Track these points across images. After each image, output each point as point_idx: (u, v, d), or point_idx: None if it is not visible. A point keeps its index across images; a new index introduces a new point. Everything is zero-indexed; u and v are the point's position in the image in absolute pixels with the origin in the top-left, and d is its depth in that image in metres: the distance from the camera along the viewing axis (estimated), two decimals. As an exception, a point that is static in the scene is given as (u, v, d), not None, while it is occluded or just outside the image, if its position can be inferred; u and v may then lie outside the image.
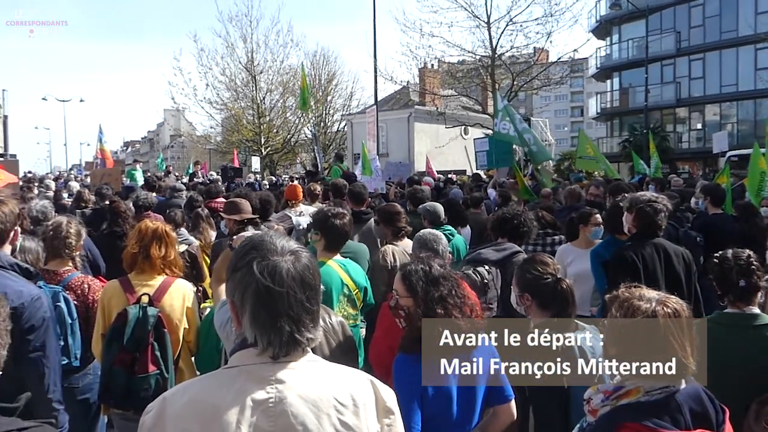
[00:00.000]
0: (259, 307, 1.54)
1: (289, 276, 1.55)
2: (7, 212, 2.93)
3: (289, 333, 1.55)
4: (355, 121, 36.66)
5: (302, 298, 1.55)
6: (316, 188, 8.56)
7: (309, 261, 1.62)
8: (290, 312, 1.54)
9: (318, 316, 1.63)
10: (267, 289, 1.53)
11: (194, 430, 1.50)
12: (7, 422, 1.60)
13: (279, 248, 1.59)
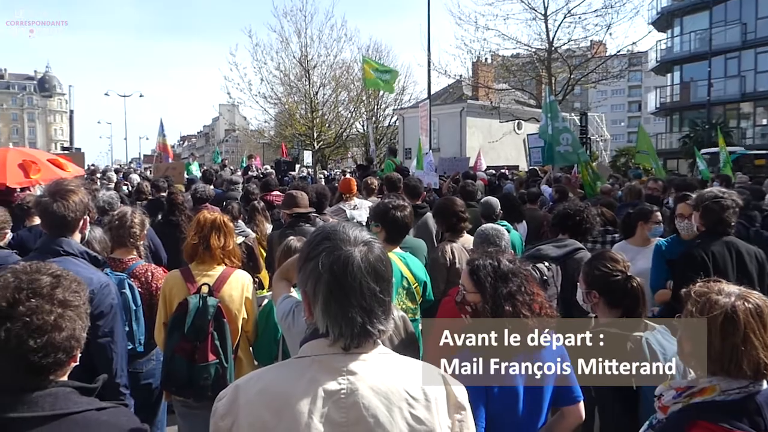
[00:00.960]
0: (331, 298, 1.51)
1: (362, 267, 1.52)
2: (77, 201, 3.00)
3: (361, 324, 1.52)
4: (407, 116, 36.58)
5: (375, 289, 1.52)
6: (372, 182, 8.55)
7: (382, 252, 1.58)
8: (362, 303, 1.51)
9: (390, 308, 1.59)
10: (339, 280, 1.51)
11: (266, 418, 1.49)
12: (87, 401, 1.64)
13: (352, 238, 1.56)
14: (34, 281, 1.61)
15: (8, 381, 1.57)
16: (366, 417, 1.49)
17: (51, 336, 1.57)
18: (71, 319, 1.62)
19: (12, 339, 1.53)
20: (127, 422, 1.69)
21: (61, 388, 1.62)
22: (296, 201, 5.66)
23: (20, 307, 1.56)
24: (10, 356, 1.54)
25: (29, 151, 8.40)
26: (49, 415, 1.56)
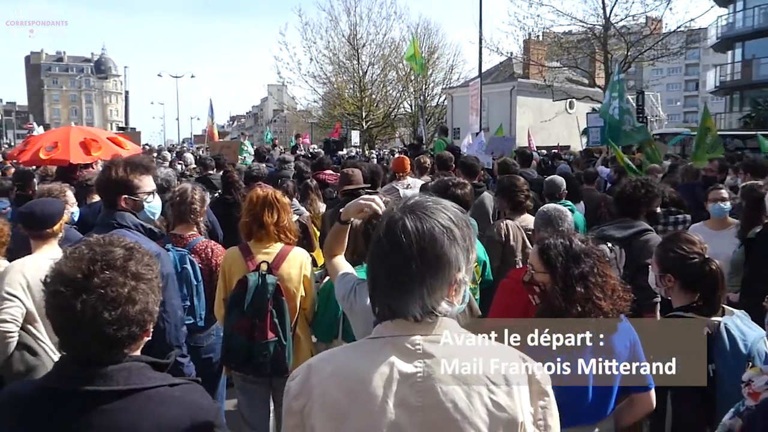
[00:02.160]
0: (398, 278, 1.44)
1: (428, 247, 1.43)
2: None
3: (432, 305, 1.45)
4: (456, 95, 36.14)
5: (441, 269, 1.44)
6: (425, 160, 8.45)
7: (451, 231, 1.49)
8: (435, 283, 1.43)
9: (462, 288, 1.51)
10: (405, 259, 1.43)
11: (339, 399, 1.44)
12: (160, 377, 1.63)
13: (423, 216, 1.48)
14: (108, 253, 1.59)
15: (84, 354, 1.56)
16: (443, 402, 1.43)
17: (125, 309, 1.55)
18: (144, 292, 1.60)
19: (87, 311, 1.51)
20: (200, 399, 1.67)
21: (135, 363, 1.60)
22: (350, 179, 5.62)
23: (95, 279, 1.54)
24: (86, 329, 1.52)
25: (90, 129, 8.61)
26: (123, 390, 1.55)
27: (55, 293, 1.54)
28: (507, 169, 7.16)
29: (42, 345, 3.27)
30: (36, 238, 3.45)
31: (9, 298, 3.20)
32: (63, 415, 1.53)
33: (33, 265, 3.29)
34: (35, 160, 7.46)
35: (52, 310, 1.56)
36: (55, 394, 1.55)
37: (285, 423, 1.51)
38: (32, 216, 3.44)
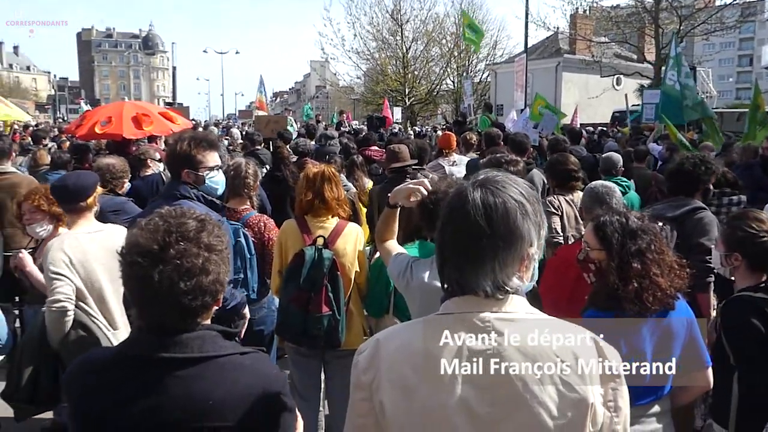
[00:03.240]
0: (469, 252, 1.43)
1: (500, 220, 1.42)
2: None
3: (503, 281, 1.43)
4: (500, 71, 35.59)
5: (514, 244, 1.42)
6: (471, 137, 8.37)
7: (523, 205, 1.47)
8: (507, 257, 1.42)
9: (533, 265, 1.50)
10: (477, 233, 1.42)
11: (407, 374, 1.44)
12: (231, 346, 1.66)
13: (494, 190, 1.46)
14: (182, 225, 1.61)
15: (160, 322, 1.60)
16: (513, 380, 1.42)
17: (199, 279, 1.57)
18: (216, 262, 1.62)
19: (165, 281, 1.54)
20: (268, 367, 1.70)
21: (208, 332, 1.64)
22: (397, 156, 5.60)
23: (170, 250, 1.56)
24: (163, 298, 1.56)
25: (143, 104, 8.79)
26: (197, 357, 1.59)
27: (133, 264, 1.57)
28: (557, 147, 7.03)
29: (95, 321, 3.34)
30: (71, 212, 3.47)
31: (57, 277, 3.22)
32: (141, 380, 1.58)
33: (71, 241, 3.32)
34: (91, 134, 7.67)
35: (130, 280, 1.60)
36: (132, 361, 1.60)
37: (353, 395, 1.52)
38: (65, 189, 3.44)
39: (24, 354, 3.30)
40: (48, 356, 3.24)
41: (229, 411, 1.58)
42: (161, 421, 1.56)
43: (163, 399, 1.56)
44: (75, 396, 1.66)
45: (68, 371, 1.73)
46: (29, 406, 3.29)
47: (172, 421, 1.56)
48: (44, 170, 7.42)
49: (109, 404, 1.59)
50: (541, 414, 1.40)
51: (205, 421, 1.57)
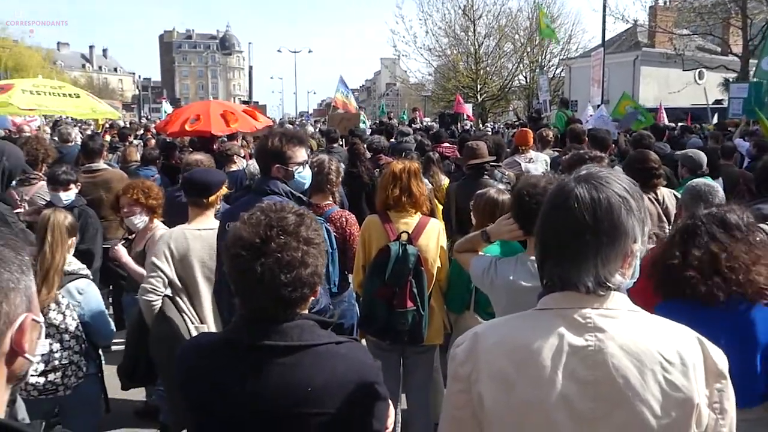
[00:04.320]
0: (571, 248, 1.43)
1: (604, 216, 1.41)
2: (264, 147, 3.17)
3: (605, 277, 1.42)
4: (575, 66, 34.70)
5: (617, 239, 1.41)
6: (548, 133, 8.24)
7: (627, 201, 1.45)
8: (610, 253, 1.41)
9: (635, 262, 1.48)
10: (580, 229, 1.41)
11: (507, 369, 1.45)
12: (327, 335, 1.72)
13: (598, 185, 1.45)
14: (282, 219, 1.67)
15: (261, 312, 1.67)
16: (615, 377, 1.40)
17: (298, 271, 1.63)
18: (314, 255, 1.68)
19: (266, 273, 1.61)
20: (363, 356, 1.75)
21: (306, 321, 1.70)
22: (475, 152, 5.56)
23: (272, 244, 1.63)
24: (264, 290, 1.63)
25: (227, 102, 9.09)
26: (296, 345, 1.65)
27: (236, 256, 1.65)
28: (641, 143, 6.81)
29: (184, 314, 3.51)
30: (193, 205, 3.69)
31: (153, 269, 3.46)
32: (243, 365, 1.66)
33: (179, 235, 3.53)
34: (181, 131, 7.99)
35: (233, 272, 1.68)
36: (235, 347, 1.69)
37: (450, 387, 1.55)
38: (191, 183, 3.68)
39: (129, 334, 3.62)
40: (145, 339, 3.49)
41: (327, 398, 1.64)
42: (261, 407, 1.63)
43: (263, 385, 1.63)
44: (181, 378, 1.77)
45: (178, 354, 1.83)
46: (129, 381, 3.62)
47: (271, 406, 1.63)
48: (134, 166, 7.82)
49: (212, 388, 1.68)
50: (644, 413, 1.38)
51: (304, 408, 1.63)
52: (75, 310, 3.14)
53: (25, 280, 1.09)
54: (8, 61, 39.13)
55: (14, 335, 1.07)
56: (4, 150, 4.08)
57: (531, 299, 2.49)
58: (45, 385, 3.05)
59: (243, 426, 1.66)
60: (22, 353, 1.09)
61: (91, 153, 6.26)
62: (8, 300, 1.05)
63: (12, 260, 1.07)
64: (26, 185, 5.38)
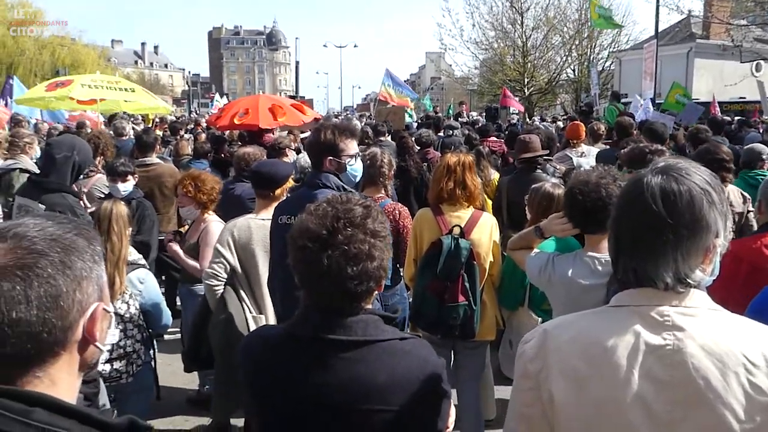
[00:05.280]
0: (648, 243, 1.37)
1: (685, 209, 1.34)
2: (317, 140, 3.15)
3: (685, 273, 1.35)
4: (625, 59, 33.88)
5: (699, 233, 1.34)
6: (599, 127, 8.06)
7: (709, 193, 1.38)
8: (691, 248, 1.34)
9: (715, 257, 1.41)
10: (658, 223, 1.35)
11: (580, 367, 1.40)
12: (391, 330, 1.68)
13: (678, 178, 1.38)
14: (349, 211, 1.64)
15: (326, 305, 1.64)
16: (695, 378, 1.34)
17: (365, 264, 1.60)
18: (380, 248, 1.65)
19: (332, 266, 1.58)
20: (428, 354, 1.70)
21: (370, 316, 1.67)
22: (528, 146, 5.47)
23: (339, 236, 1.60)
24: (331, 282, 1.60)
25: (275, 97, 9.19)
26: (361, 340, 1.62)
27: (303, 248, 1.62)
28: (698, 138, 6.58)
29: (243, 302, 3.57)
30: (260, 197, 3.75)
31: (216, 255, 3.57)
32: (306, 358, 1.64)
33: (243, 224, 3.60)
34: (230, 125, 8.12)
35: (299, 264, 1.65)
36: (299, 340, 1.67)
37: (518, 385, 1.50)
38: (258, 175, 3.73)
39: (195, 318, 3.77)
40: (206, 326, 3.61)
41: (391, 395, 1.60)
42: (325, 401, 1.61)
43: (327, 379, 1.61)
44: (246, 370, 1.76)
45: (242, 346, 1.82)
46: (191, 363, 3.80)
47: (335, 401, 1.60)
48: (186, 160, 7.96)
49: (276, 380, 1.66)
50: (726, 416, 1.32)
51: (368, 404, 1.60)
52: (136, 300, 3.20)
53: (96, 269, 1.10)
54: (66, 59, 40.41)
55: (86, 324, 1.08)
56: (75, 145, 4.21)
57: (590, 297, 2.45)
58: (110, 373, 3.13)
59: (305, 419, 1.64)
60: (93, 342, 1.10)
61: (145, 146, 6.39)
62: (81, 288, 1.05)
63: (85, 249, 1.08)
64: (84, 178, 5.53)
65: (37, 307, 0.99)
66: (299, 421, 1.64)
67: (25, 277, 0.99)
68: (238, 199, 4.87)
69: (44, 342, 1.02)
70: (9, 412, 0.97)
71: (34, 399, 1.00)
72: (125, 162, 5.07)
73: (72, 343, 1.07)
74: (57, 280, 1.01)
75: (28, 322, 0.99)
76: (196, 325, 3.72)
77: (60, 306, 1.02)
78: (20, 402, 0.99)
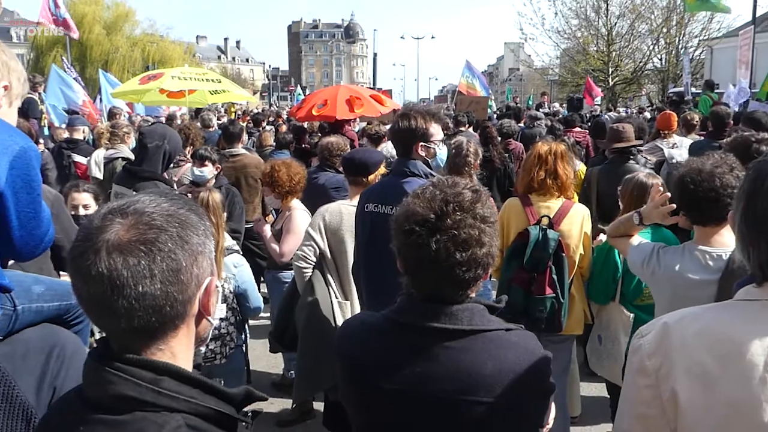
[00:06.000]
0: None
1: None
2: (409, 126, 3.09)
3: None
4: (717, 47, 32.10)
5: None
6: (692, 117, 7.66)
7: None
8: None
9: None
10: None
11: (707, 363, 1.29)
12: (496, 321, 1.62)
13: None
14: (458, 195, 1.57)
15: (433, 292, 1.59)
16: None
17: (474, 251, 1.53)
18: (489, 235, 1.58)
19: (441, 251, 1.52)
20: (535, 346, 1.63)
21: (476, 305, 1.60)
22: (620, 135, 5.25)
23: (447, 220, 1.54)
24: (438, 268, 1.54)
25: (355, 87, 9.25)
26: (467, 330, 1.56)
27: (410, 232, 1.56)
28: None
29: (330, 287, 3.61)
30: (352, 184, 3.77)
31: (306, 238, 3.62)
32: (411, 346, 1.59)
33: (335, 210, 3.64)
34: (308, 116, 8.24)
35: (405, 248, 1.60)
36: (402, 327, 1.61)
37: (634, 381, 1.40)
38: (351, 162, 3.77)
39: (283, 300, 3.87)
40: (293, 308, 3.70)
41: (498, 386, 1.54)
42: (430, 390, 1.55)
43: (432, 368, 1.56)
44: (344, 354, 1.72)
45: (342, 330, 1.80)
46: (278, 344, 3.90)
47: (438, 390, 1.55)
48: (269, 150, 8.13)
49: (378, 367, 1.62)
50: None
51: (472, 395, 1.54)
52: (230, 283, 3.28)
53: (209, 244, 1.12)
54: (155, 55, 42.33)
55: (201, 297, 1.10)
56: (166, 134, 4.38)
57: (698, 293, 2.31)
58: (205, 353, 3.23)
59: (406, 407, 1.60)
60: (208, 315, 1.13)
61: (231, 137, 6.56)
62: (197, 263, 1.08)
63: (198, 225, 1.10)
64: (175, 167, 5.73)
65: (161, 281, 1.02)
66: (402, 409, 1.59)
67: (149, 252, 1.01)
68: (322, 188, 4.91)
69: (167, 315, 1.05)
70: (142, 381, 1.02)
71: (162, 369, 1.04)
72: (208, 149, 5.16)
73: (190, 317, 1.10)
74: (177, 254, 1.04)
75: (153, 295, 1.01)
76: (284, 307, 3.79)
77: (180, 280, 1.04)
78: (150, 371, 1.03)
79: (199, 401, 1.05)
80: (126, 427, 1.00)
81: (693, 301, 2.12)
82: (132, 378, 1.01)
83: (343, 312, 3.58)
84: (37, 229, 1.66)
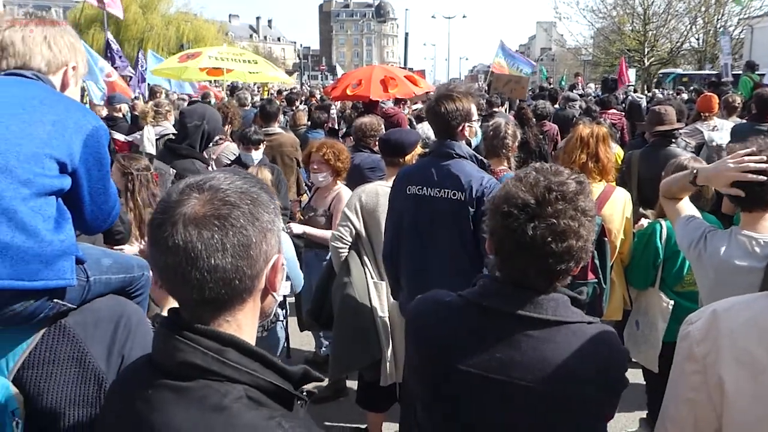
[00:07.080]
0: None
1: None
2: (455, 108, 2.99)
3: None
4: (758, 27, 31.16)
5: None
6: (734, 99, 7.47)
7: None
8: None
9: None
10: None
11: (757, 354, 1.28)
12: (579, 313, 1.59)
13: None
14: (562, 183, 1.53)
15: (521, 278, 1.56)
16: None
17: (570, 243, 1.49)
18: (588, 228, 1.53)
19: (537, 238, 1.48)
20: (615, 341, 1.60)
21: (561, 295, 1.57)
22: (662, 118, 5.14)
23: (548, 208, 1.50)
24: (531, 256, 1.51)
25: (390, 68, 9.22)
26: (551, 320, 1.53)
27: (507, 215, 1.53)
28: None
29: (366, 267, 3.63)
30: (389, 164, 3.76)
31: (343, 218, 3.65)
32: (492, 332, 1.57)
33: (372, 190, 3.65)
34: (342, 96, 8.25)
35: (500, 230, 1.56)
36: (485, 310, 1.59)
37: (681, 367, 1.41)
38: (387, 142, 3.76)
39: (320, 279, 3.91)
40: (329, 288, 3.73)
41: (579, 380, 1.52)
42: (512, 377, 1.53)
43: (512, 354, 1.53)
44: (418, 335, 1.71)
45: (414, 312, 1.77)
46: (315, 322, 3.93)
47: (518, 378, 1.53)
48: (303, 129, 8.18)
49: (459, 349, 1.59)
50: None
51: (552, 386, 1.52)
52: None
53: (278, 222, 1.16)
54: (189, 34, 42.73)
55: (269, 273, 1.14)
56: (205, 114, 4.43)
57: (742, 280, 2.26)
58: None
59: (486, 392, 1.57)
60: (274, 291, 1.17)
61: (268, 116, 6.61)
62: (266, 240, 1.11)
63: (268, 203, 1.14)
64: (214, 145, 5.80)
65: (232, 255, 1.06)
66: (477, 393, 1.58)
67: (222, 227, 1.05)
68: (357, 168, 4.93)
69: (236, 288, 1.08)
70: (208, 350, 1.06)
71: (227, 340, 1.08)
72: (258, 131, 5.22)
73: (257, 291, 1.13)
74: (248, 230, 1.07)
75: (224, 268, 1.05)
76: (320, 286, 3.83)
77: (250, 255, 1.08)
78: (215, 342, 1.07)
79: (260, 374, 1.08)
80: (191, 394, 1.05)
81: (735, 287, 2.09)
82: (199, 347, 1.06)
83: (378, 292, 3.60)
84: (105, 204, 1.74)
